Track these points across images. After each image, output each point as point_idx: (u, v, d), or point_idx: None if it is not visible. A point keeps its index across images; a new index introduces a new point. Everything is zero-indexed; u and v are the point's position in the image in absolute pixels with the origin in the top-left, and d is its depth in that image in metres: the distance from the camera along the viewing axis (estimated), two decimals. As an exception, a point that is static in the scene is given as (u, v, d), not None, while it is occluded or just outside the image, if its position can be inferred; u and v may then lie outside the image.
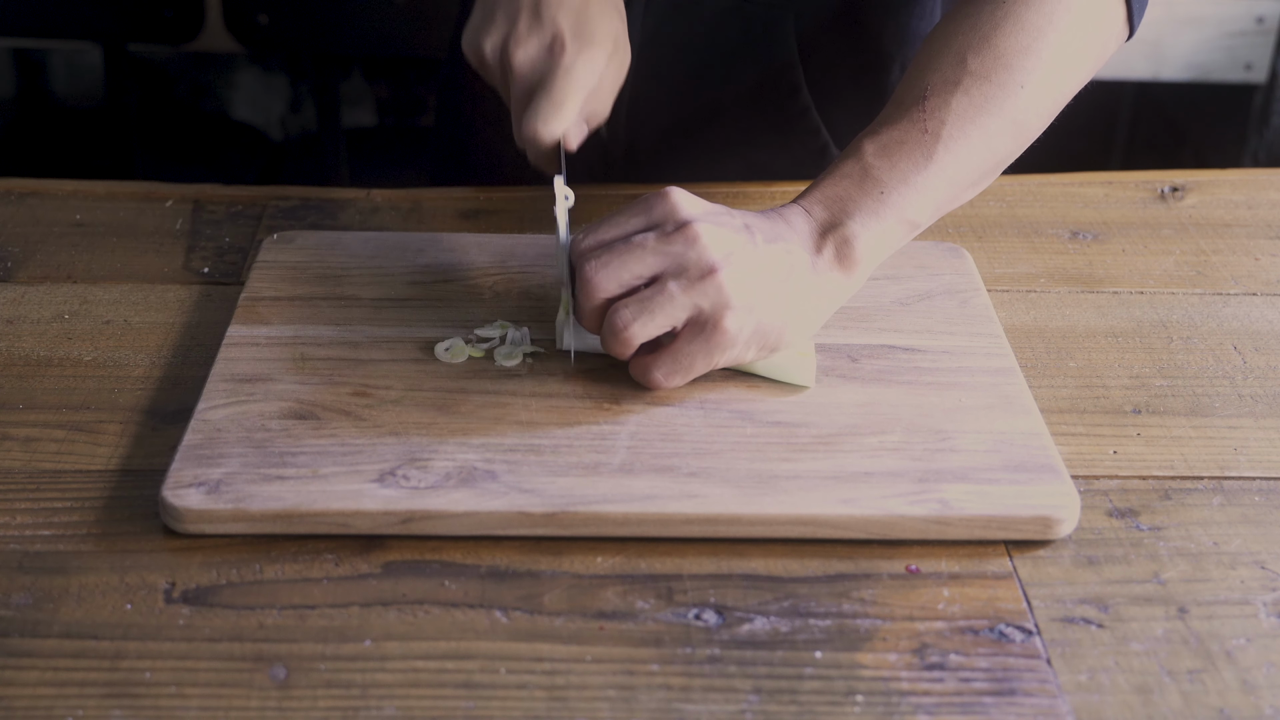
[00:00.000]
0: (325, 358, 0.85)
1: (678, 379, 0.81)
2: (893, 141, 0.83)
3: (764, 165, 1.12)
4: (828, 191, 0.83)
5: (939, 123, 0.83)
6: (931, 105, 0.83)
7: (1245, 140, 2.16)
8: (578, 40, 0.85)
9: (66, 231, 1.02)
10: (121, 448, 0.80)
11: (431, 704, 0.65)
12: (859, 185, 0.83)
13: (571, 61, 0.85)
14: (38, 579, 0.71)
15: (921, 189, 0.83)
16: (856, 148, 0.84)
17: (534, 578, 0.72)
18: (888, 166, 0.83)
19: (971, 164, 0.84)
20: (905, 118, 0.84)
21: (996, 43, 0.84)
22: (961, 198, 0.86)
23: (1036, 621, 0.70)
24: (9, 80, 2.50)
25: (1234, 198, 1.10)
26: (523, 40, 0.86)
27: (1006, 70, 0.84)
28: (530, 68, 0.86)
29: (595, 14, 0.87)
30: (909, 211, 0.83)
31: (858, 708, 0.65)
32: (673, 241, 0.78)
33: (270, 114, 2.55)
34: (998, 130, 0.84)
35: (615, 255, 0.79)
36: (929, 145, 0.83)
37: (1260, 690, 0.67)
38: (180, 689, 0.65)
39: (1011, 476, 0.76)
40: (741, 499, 0.74)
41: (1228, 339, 0.93)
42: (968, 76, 0.84)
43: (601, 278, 0.78)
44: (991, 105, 0.84)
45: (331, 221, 1.04)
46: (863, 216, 0.82)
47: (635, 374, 0.82)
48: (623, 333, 0.78)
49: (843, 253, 0.82)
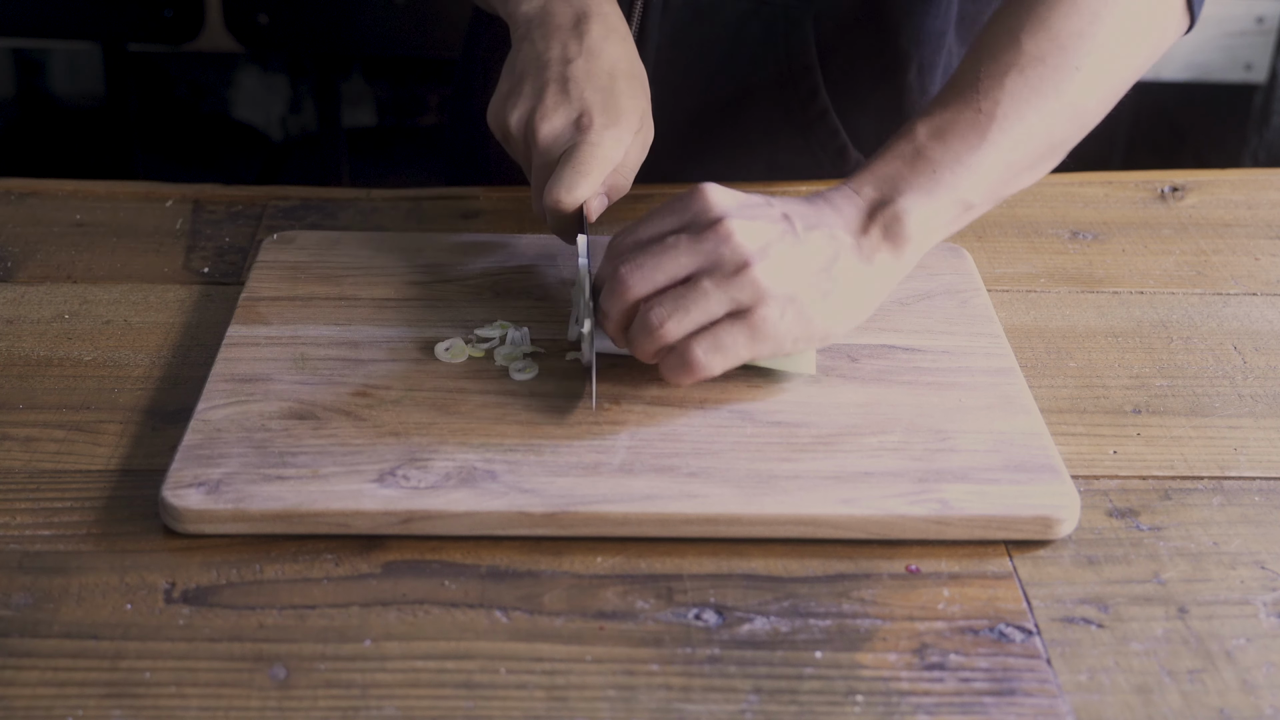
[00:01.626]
0: (325, 358, 0.85)
1: (717, 359, 0.78)
2: (946, 122, 0.82)
3: (783, 166, 1.12)
4: (878, 171, 0.82)
5: (993, 103, 0.82)
6: (985, 86, 0.83)
7: (1245, 140, 2.16)
8: (606, 115, 0.86)
9: (66, 231, 1.02)
10: (121, 448, 0.80)
11: (431, 704, 0.65)
12: (910, 164, 0.82)
13: (599, 136, 0.85)
14: (38, 579, 0.71)
15: (975, 168, 0.82)
16: (909, 129, 0.83)
17: (534, 578, 0.72)
18: (940, 147, 0.82)
19: (1028, 146, 0.84)
20: (959, 99, 0.83)
21: (1052, 24, 0.83)
22: (1018, 181, 0.85)
23: (1036, 621, 0.70)
24: (9, 80, 2.50)
25: (1234, 198, 1.10)
26: (549, 114, 0.86)
27: (1062, 52, 0.83)
28: (554, 141, 0.86)
29: (623, 91, 0.87)
30: (962, 191, 0.82)
31: (858, 708, 0.65)
32: (705, 239, 0.78)
33: (270, 114, 2.55)
34: (1053, 112, 0.83)
35: (649, 256, 0.78)
36: (983, 125, 0.82)
37: (1260, 690, 0.67)
38: (180, 689, 0.65)
39: (1011, 476, 0.76)
40: (741, 499, 0.74)
41: (1228, 339, 0.93)
42: (1023, 57, 0.83)
43: (635, 279, 0.78)
44: (1047, 87, 0.83)
45: (331, 221, 1.04)
46: (914, 194, 0.81)
47: (669, 367, 0.79)
48: (657, 330, 0.77)
49: (892, 229, 0.81)
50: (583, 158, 0.85)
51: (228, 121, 2.54)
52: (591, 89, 0.86)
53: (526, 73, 0.88)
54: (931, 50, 1.09)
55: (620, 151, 0.86)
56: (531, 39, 0.89)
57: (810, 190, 1.06)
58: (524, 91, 0.87)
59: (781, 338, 0.79)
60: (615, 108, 0.86)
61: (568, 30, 0.88)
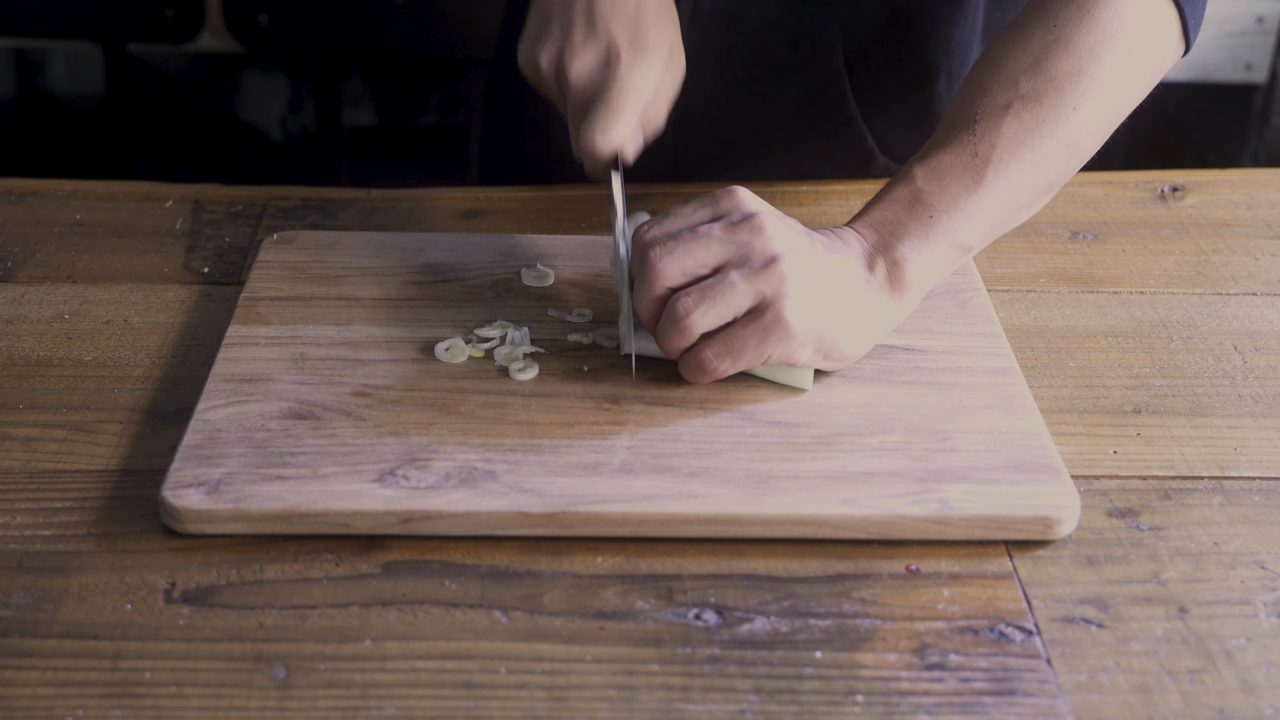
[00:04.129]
0: (325, 358, 0.85)
1: (726, 362, 0.79)
2: (942, 166, 0.83)
3: (810, 172, 1.12)
4: (877, 215, 0.83)
5: (989, 146, 0.83)
6: (982, 129, 0.83)
7: (1245, 140, 2.16)
8: (633, 49, 0.86)
9: (66, 231, 1.02)
10: (121, 448, 0.80)
11: (431, 704, 0.65)
12: (908, 210, 0.82)
13: (627, 72, 0.85)
14: (38, 579, 0.71)
15: (972, 213, 0.82)
16: (907, 172, 0.84)
17: (534, 578, 0.72)
18: (937, 190, 0.82)
19: (1023, 187, 0.84)
20: (955, 142, 0.83)
21: (1047, 66, 0.83)
22: (1015, 220, 0.86)
23: (1036, 621, 0.70)
24: (9, 80, 2.50)
25: (1234, 198, 1.10)
26: (578, 51, 0.86)
27: (1059, 93, 0.83)
28: (587, 79, 0.86)
29: (650, 22, 0.87)
30: (959, 235, 0.82)
31: (858, 708, 0.65)
32: (739, 230, 0.78)
33: (270, 114, 2.55)
34: (1049, 152, 0.83)
35: (680, 243, 0.79)
36: (979, 169, 0.82)
37: (1260, 690, 0.67)
38: (180, 689, 0.65)
39: (1011, 476, 0.76)
40: (741, 499, 0.74)
41: (1228, 339, 0.93)
42: (1018, 100, 0.83)
43: (665, 264, 0.78)
44: (1043, 128, 0.83)
45: (331, 221, 1.04)
46: (912, 240, 0.82)
47: (685, 367, 0.81)
48: (683, 320, 0.78)
49: (893, 275, 0.81)
50: (613, 97, 0.85)
51: (228, 121, 2.54)
52: (617, 23, 0.86)
53: (553, 12, 0.88)
54: (960, 60, 1.10)
55: (651, 86, 0.86)
56: None
57: (841, 189, 1.07)
58: (551, 30, 0.88)
59: (797, 337, 0.79)
60: (642, 40, 0.86)
61: None
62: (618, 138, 0.85)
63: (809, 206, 1.06)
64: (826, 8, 1.06)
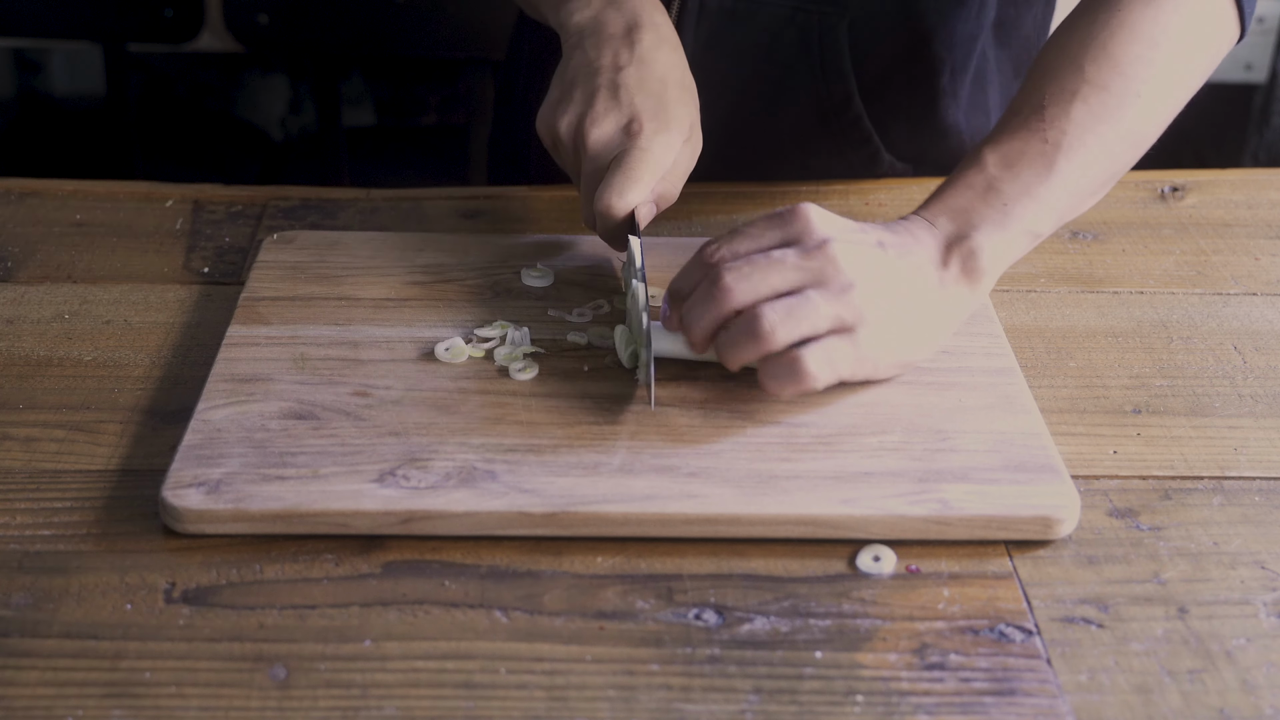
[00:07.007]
0: (325, 358, 0.85)
1: (828, 371, 0.77)
2: (1014, 152, 0.83)
3: (816, 170, 1.12)
4: (951, 203, 0.83)
5: (1060, 132, 0.83)
6: (1051, 115, 0.83)
7: (1245, 140, 2.16)
8: (655, 122, 0.86)
9: (66, 231, 1.02)
10: (121, 448, 0.80)
11: (431, 704, 0.65)
12: (982, 197, 0.82)
13: (649, 142, 0.85)
14: (38, 579, 0.71)
15: (1044, 200, 0.83)
16: (978, 158, 0.84)
17: (534, 578, 0.72)
18: (1010, 178, 0.82)
19: (1092, 173, 0.84)
20: (1025, 127, 0.84)
21: (1113, 51, 0.84)
22: (1081, 207, 0.86)
23: (1036, 621, 0.70)
24: (9, 80, 2.50)
25: (1234, 198, 1.10)
26: (599, 120, 0.86)
27: (1123, 79, 0.84)
28: (604, 147, 0.86)
29: (673, 99, 0.88)
30: (1031, 222, 0.83)
31: (858, 708, 0.65)
32: (813, 258, 0.78)
33: (270, 114, 2.55)
34: (1116, 139, 0.84)
35: (756, 268, 0.77)
36: (1050, 155, 0.83)
37: (1260, 690, 0.67)
38: (180, 689, 0.65)
39: (1011, 476, 0.76)
40: (741, 499, 0.74)
41: (1228, 339, 0.93)
42: (1085, 85, 0.84)
43: (741, 288, 0.77)
44: (1110, 114, 0.84)
45: (331, 221, 1.04)
46: (987, 228, 0.82)
47: (774, 373, 0.77)
48: (768, 335, 0.76)
49: (969, 265, 0.81)
50: (633, 163, 0.85)
51: (228, 121, 2.54)
52: (642, 95, 0.87)
53: (577, 80, 0.88)
54: (964, 54, 1.10)
55: (670, 158, 0.87)
56: (583, 47, 0.89)
57: (843, 189, 1.07)
58: (574, 98, 0.88)
59: (877, 361, 0.79)
60: (665, 114, 0.87)
61: (620, 39, 0.89)
62: (635, 198, 0.85)
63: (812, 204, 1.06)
64: (835, 6, 1.06)
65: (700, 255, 0.81)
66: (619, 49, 0.88)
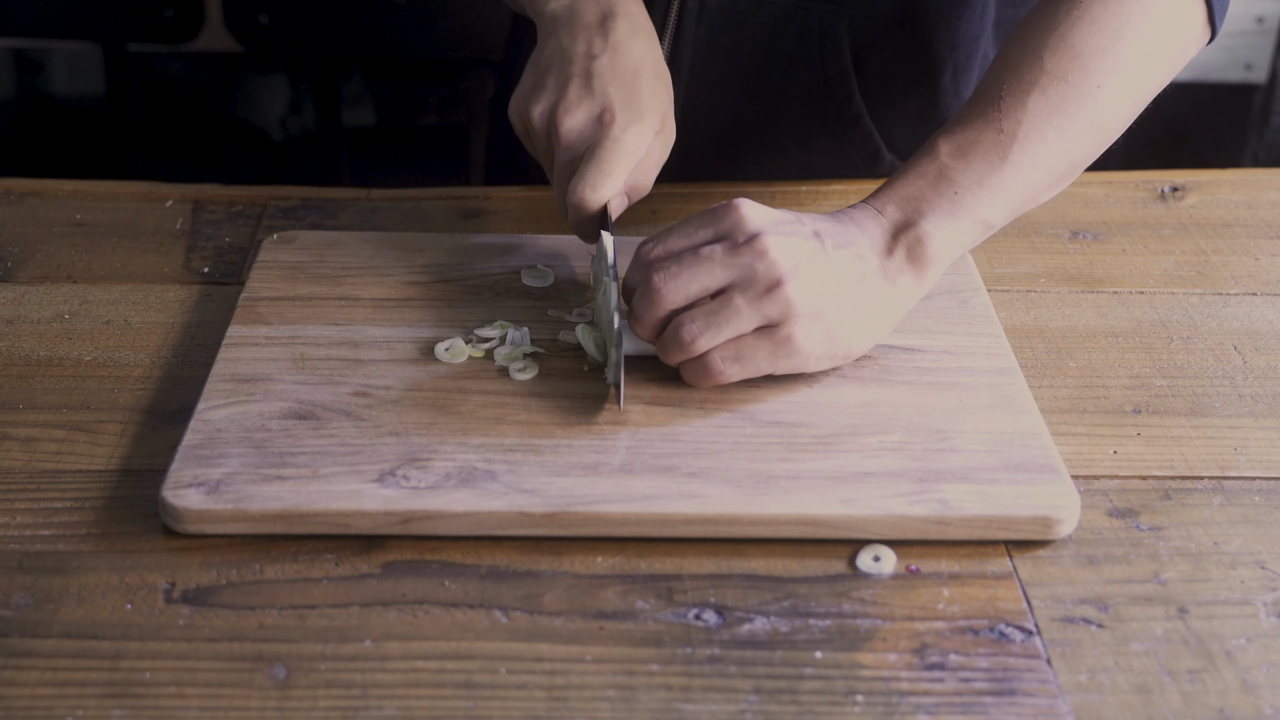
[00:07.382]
0: (325, 358, 0.85)
1: (735, 368, 0.79)
2: (968, 141, 0.83)
3: (816, 169, 1.12)
4: (901, 191, 0.83)
5: (1015, 123, 0.83)
6: (1007, 105, 0.83)
7: (1245, 140, 2.16)
8: (627, 112, 0.86)
9: (66, 231, 1.02)
10: (121, 448, 0.80)
11: (431, 704, 0.65)
12: (933, 185, 0.82)
13: (621, 132, 0.85)
14: (38, 579, 0.71)
15: (996, 190, 0.82)
16: (931, 147, 0.84)
17: (534, 578, 0.72)
18: (963, 166, 0.82)
19: (1048, 165, 0.84)
20: (981, 117, 0.83)
21: (1074, 42, 0.83)
22: (1038, 199, 0.86)
23: (1036, 621, 0.70)
24: (9, 80, 2.50)
25: (1234, 198, 1.10)
26: (572, 108, 0.86)
27: (1084, 71, 0.83)
28: (577, 136, 0.86)
29: (646, 88, 0.88)
30: (983, 212, 0.82)
31: (858, 708, 0.65)
32: (741, 254, 0.78)
33: (270, 114, 2.55)
34: (1075, 132, 0.84)
35: (684, 267, 0.78)
36: (1004, 145, 0.82)
37: (1260, 690, 0.67)
38: (180, 689, 0.65)
39: (1011, 476, 0.76)
40: (741, 499, 0.74)
41: (1228, 339, 0.93)
42: (1044, 76, 0.83)
43: (670, 289, 0.78)
44: (1068, 106, 0.83)
45: (331, 221, 1.04)
46: (936, 216, 0.81)
47: (690, 372, 0.80)
48: (689, 345, 0.78)
49: (915, 253, 0.81)
50: (606, 155, 0.85)
51: (228, 121, 2.54)
52: (615, 85, 0.87)
53: (550, 68, 0.88)
54: (966, 54, 1.10)
55: (642, 149, 0.87)
56: (557, 35, 0.89)
57: (843, 189, 1.07)
58: (547, 86, 0.88)
59: (807, 355, 0.79)
60: (638, 104, 0.87)
61: (593, 27, 0.89)
62: (607, 192, 0.85)
63: (809, 206, 1.06)
64: (836, 4, 1.06)
65: (638, 254, 0.81)
66: (593, 37, 0.88)
